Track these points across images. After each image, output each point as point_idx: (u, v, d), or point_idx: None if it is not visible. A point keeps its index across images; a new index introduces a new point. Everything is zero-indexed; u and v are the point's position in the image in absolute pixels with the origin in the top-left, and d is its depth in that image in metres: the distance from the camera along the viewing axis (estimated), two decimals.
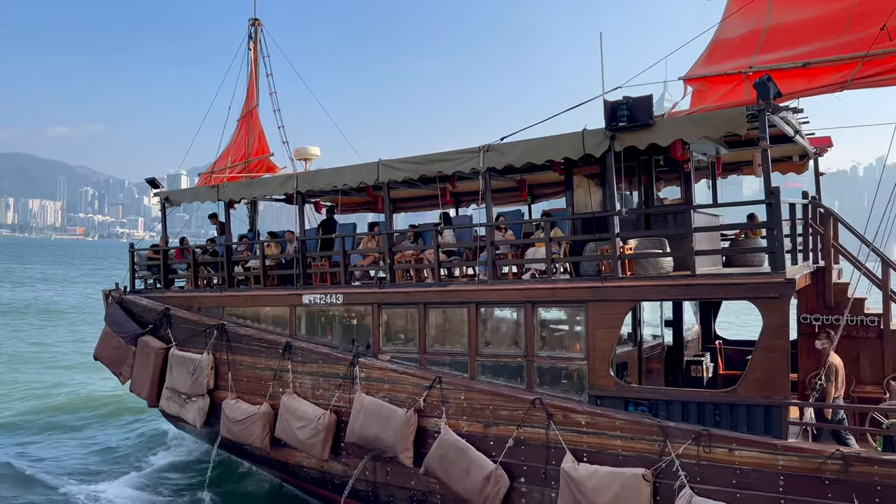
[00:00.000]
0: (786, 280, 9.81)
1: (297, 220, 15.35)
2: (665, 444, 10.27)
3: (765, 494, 9.57)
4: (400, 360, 13.31)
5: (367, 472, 13.37)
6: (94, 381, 26.64)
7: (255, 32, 20.58)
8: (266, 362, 14.87)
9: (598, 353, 11.19)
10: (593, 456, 10.90)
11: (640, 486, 10.24)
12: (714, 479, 9.93)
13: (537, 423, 11.42)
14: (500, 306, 12.53)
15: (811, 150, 14.83)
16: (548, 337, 12.18)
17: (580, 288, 11.46)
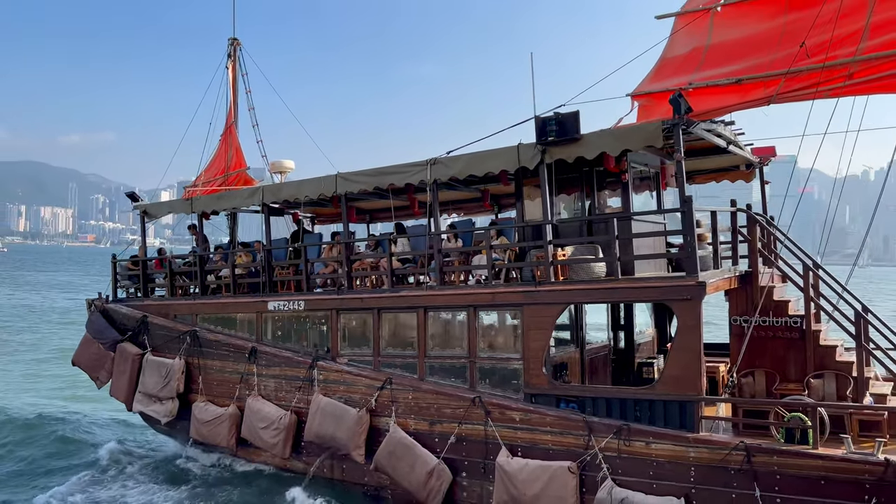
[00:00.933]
0: (697, 283, 10.49)
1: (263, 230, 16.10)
2: (590, 439, 10.94)
3: (678, 484, 10.22)
4: (357, 362, 14.03)
5: (325, 469, 14.09)
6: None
7: (234, 51, 21.41)
8: (234, 366, 15.62)
9: (532, 354, 11.88)
10: (526, 450, 11.58)
11: (567, 478, 10.92)
12: (633, 470, 10.60)
13: (477, 420, 12.11)
14: (445, 310, 13.24)
15: (753, 159, 15.50)
16: (489, 339, 12.87)
17: (516, 292, 12.16)
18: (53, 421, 20.92)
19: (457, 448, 12.31)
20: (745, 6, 14.70)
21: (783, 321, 12.28)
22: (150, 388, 16.86)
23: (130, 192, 19.08)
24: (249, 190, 16.32)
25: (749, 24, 14.52)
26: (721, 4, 15.08)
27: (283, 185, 15.86)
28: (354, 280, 14.57)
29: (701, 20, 15.32)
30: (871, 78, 12.25)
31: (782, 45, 13.65)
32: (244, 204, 16.50)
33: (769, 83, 13.56)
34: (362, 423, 13.20)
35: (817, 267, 13.40)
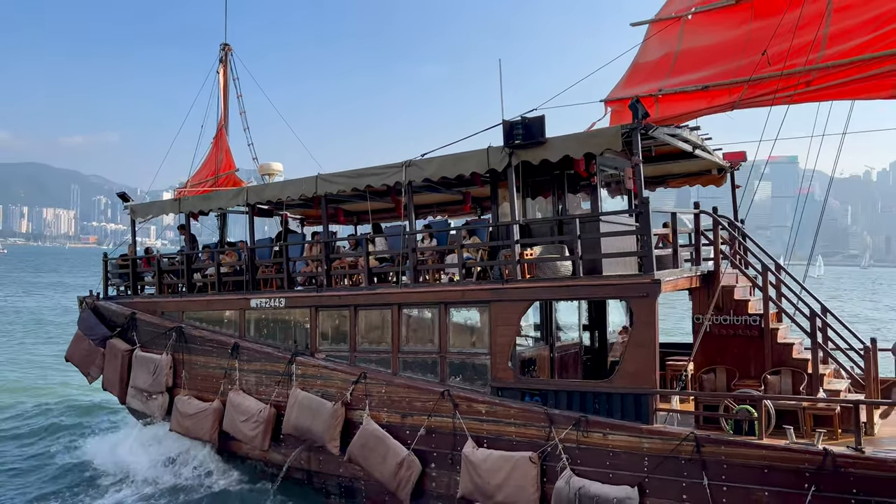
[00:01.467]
0: (653, 280, 10.94)
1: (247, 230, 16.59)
2: (551, 430, 11.37)
3: (632, 474, 10.65)
4: (334, 357, 14.49)
5: (303, 461, 14.54)
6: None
7: (226, 56, 21.95)
8: (217, 361, 16.10)
9: (498, 349, 12.33)
10: (492, 441, 12.02)
11: (528, 468, 11.35)
12: (591, 460, 11.03)
13: (446, 413, 12.56)
14: (418, 307, 13.70)
15: (724, 164, 15.93)
16: (459, 334, 13.32)
17: (484, 289, 12.62)
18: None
19: (426, 440, 12.75)
20: (714, 14, 15.17)
21: (743, 320, 12.71)
22: (141, 384, 17.33)
23: (121, 193, 19.62)
24: (235, 191, 16.81)
25: (717, 31, 14.99)
26: (692, 12, 15.57)
27: (266, 186, 16.35)
28: (334, 278, 15.02)
29: (672, 27, 15.81)
30: (829, 85, 12.72)
31: (747, 52, 14.13)
32: (230, 204, 16.99)
33: (734, 89, 14.06)
34: (337, 416, 13.65)
35: (779, 268, 13.86)
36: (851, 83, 12.38)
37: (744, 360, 12.63)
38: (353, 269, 14.99)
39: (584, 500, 10.70)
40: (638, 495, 10.47)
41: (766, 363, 12.38)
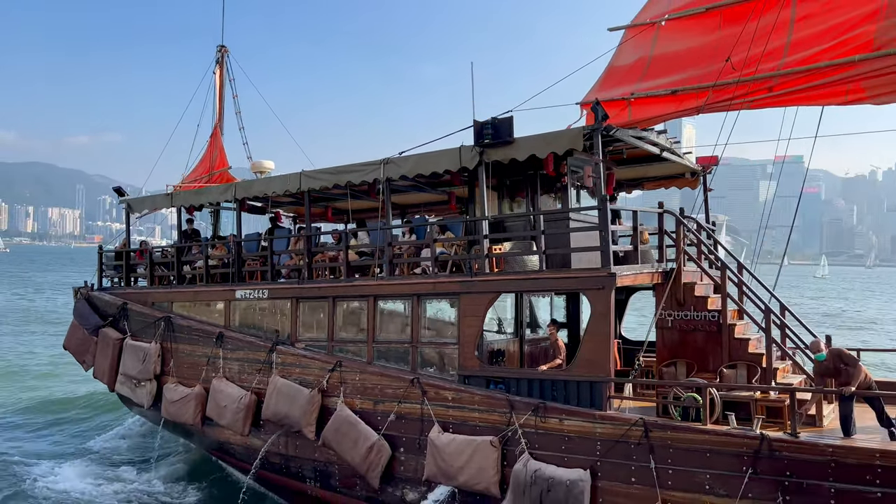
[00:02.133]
0: (609, 274, 11.48)
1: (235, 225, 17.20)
2: (511, 416, 11.90)
3: (585, 457, 11.16)
4: (314, 347, 15.05)
5: (281, 446, 15.09)
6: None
7: (222, 58, 22.62)
8: (203, 350, 16.69)
9: (466, 339, 12.86)
10: (457, 427, 12.55)
11: (489, 452, 11.88)
12: (547, 444, 11.54)
13: (414, 400, 13.10)
14: (392, 299, 14.26)
15: (696, 167, 16.47)
16: (429, 325, 13.87)
17: (454, 282, 13.17)
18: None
19: (396, 425, 13.29)
20: (686, 21, 15.68)
21: (703, 315, 13.20)
22: (130, 371, 17.94)
23: (117, 187, 20.29)
24: (224, 186, 17.45)
25: (688, 38, 15.51)
26: (666, 19, 16.10)
27: (253, 183, 16.97)
28: (316, 271, 15.59)
29: (647, 32, 16.33)
30: (789, 91, 13.23)
31: (715, 58, 14.64)
32: (219, 199, 17.61)
33: (701, 94, 14.57)
34: (314, 403, 14.20)
35: (741, 268, 14.38)
36: (810, 89, 12.87)
37: (703, 354, 13.11)
38: (335, 262, 15.55)
39: (540, 482, 11.21)
40: (590, 478, 10.97)
41: (724, 357, 12.86)
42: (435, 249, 13.81)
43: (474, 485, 11.95)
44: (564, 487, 10.99)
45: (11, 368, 31.49)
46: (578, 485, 10.94)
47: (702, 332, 13.21)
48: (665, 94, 15.22)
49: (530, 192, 15.07)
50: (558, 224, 13.53)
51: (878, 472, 9.07)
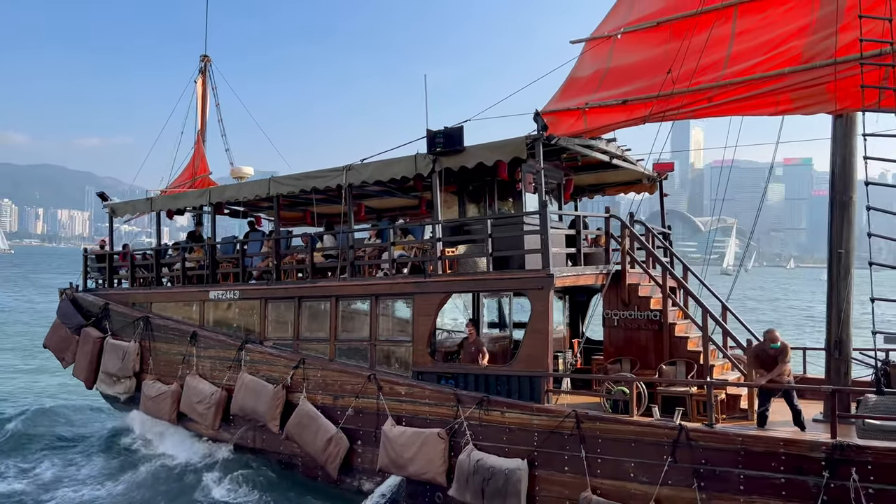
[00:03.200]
0: (547, 275, 12.18)
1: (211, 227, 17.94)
2: (458, 409, 12.59)
3: (524, 448, 11.84)
4: (281, 345, 15.77)
5: (249, 440, 15.81)
6: None
7: (205, 67, 23.40)
8: (178, 348, 17.43)
9: (419, 337, 13.57)
10: (409, 420, 13.25)
11: (437, 443, 12.57)
12: (491, 436, 12.23)
13: (371, 395, 13.80)
14: (353, 299, 14.97)
15: (651, 173, 17.17)
16: (387, 324, 14.57)
17: (409, 283, 13.88)
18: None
19: (354, 419, 14.00)
20: (639, 34, 16.35)
21: (645, 315, 13.89)
22: (111, 369, 18.69)
23: (100, 192, 21.05)
24: (199, 192, 18.20)
25: (640, 51, 16.17)
26: (622, 32, 16.79)
27: (226, 188, 17.71)
28: (284, 273, 16.31)
29: (604, 45, 17.00)
30: (726, 101, 13.90)
31: (663, 70, 15.30)
32: (195, 203, 18.37)
33: (649, 104, 15.26)
34: (278, 398, 14.92)
35: (686, 270, 15.08)
36: (744, 100, 13.55)
37: (645, 351, 13.80)
38: (302, 264, 16.27)
39: (481, 471, 11.90)
40: (527, 467, 11.65)
41: (665, 354, 13.55)
42: (393, 252, 14.52)
43: (422, 474, 12.65)
44: (503, 476, 11.68)
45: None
46: (516, 473, 11.62)
47: (644, 331, 13.90)
48: (616, 104, 15.88)
49: (488, 196, 15.77)
50: (510, 227, 14.24)
51: (781, 459, 9.75)
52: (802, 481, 9.55)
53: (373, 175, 14.74)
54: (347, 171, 14.99)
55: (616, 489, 10.95)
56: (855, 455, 9.22)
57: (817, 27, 12.81)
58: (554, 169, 16.00)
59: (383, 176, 14.61)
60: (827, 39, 12.52)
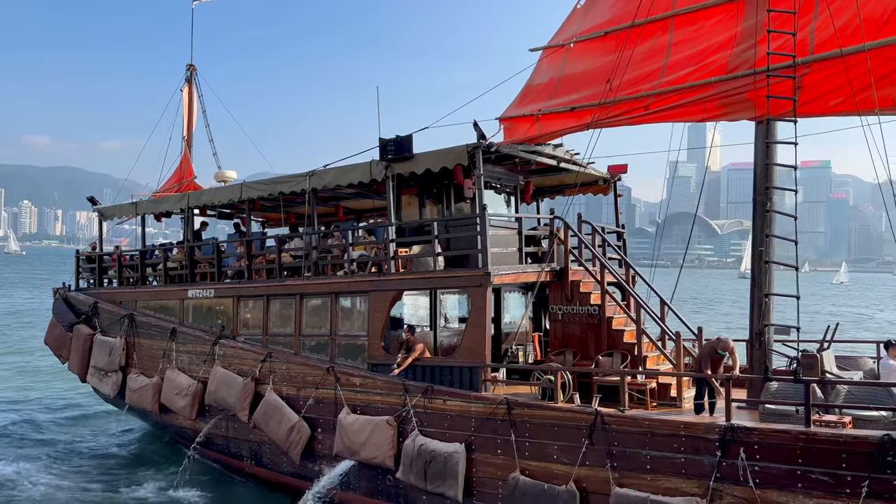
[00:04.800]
0: (485, 273, 13.13)
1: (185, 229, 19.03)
2: (406, 398, 13.57)
3: (462, 433, 12.80)
4: (252, 340, 16.82)
5: (222, 429, 16.88)
6: None
7: (191, 76, 24.49)
8: (159, 344, 18.53)
9: (374, 331, 14.57)
10: (364, 409, 14.25)
11: (386, 430, 13.57)
12: (434, 422, 13.20)
13: (329, 386, 14.81)
14: (315, 297, 15.97)
15: (605, 175, 18.06)
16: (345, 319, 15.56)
17: (364, 281, 14.88)
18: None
19: (315, 408, 15.02)
20: (589, 44, 17.22)
21: (586, 309, 14.80)
22: (99, 363, 19.85)
23: (90, 197, 22.22)
24: (178, 196, 19.30)
25: (590, 59, 17.05)
26: (574, 41, 17.68)
27: (203, 192, 18.81)
28: (255, 272, 17.35)
29: (559, 54, 17.90)
30: (661, 109, 14.75)
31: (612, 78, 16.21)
32: (175, 207, 19.47)
33: (595, 110, 16.16)
34: (248, 390, 15.97)
35: (628, 267, 15.98)
36: (675, 108, 14.41)
37: (586, 343, 14.71)
38: (271, 264, 17.31)
39: (424, 454, 12.89)
40: (464, 450, 12.61)
41: (603, 346, 14.45)
42: (352, 253, 15.52)
43: (373, 458, 13.64)
44: (443, 459, 12.66)
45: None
46: (454, 456, 12.59)
47: (585, 325, 14.81)
48: (566, 111, 16.79)
49: (446, 199, 16.73)
50: (461, 228, 15.18)
51: (682, 440, 10.65)
52: (699, 460, 10.44)
53: (333, 180, 15.73)
54: (311, 177, 16.00)
55: (541, 470, 11.89)
56: (743, 436, 10.10)
57: (740, 39, 13.66)
58: (509, 172, 16.95)
59: (342, 181, 15.61)
60: (748, 51, 13.36)
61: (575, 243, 15.52)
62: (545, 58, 18.32)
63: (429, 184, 16.65)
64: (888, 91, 11.89)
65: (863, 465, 9.30)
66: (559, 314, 15.20)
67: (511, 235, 15.17)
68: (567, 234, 15.18)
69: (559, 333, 15.10)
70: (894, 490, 9.10)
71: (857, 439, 9.41)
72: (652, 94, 14.92)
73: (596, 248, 16.02)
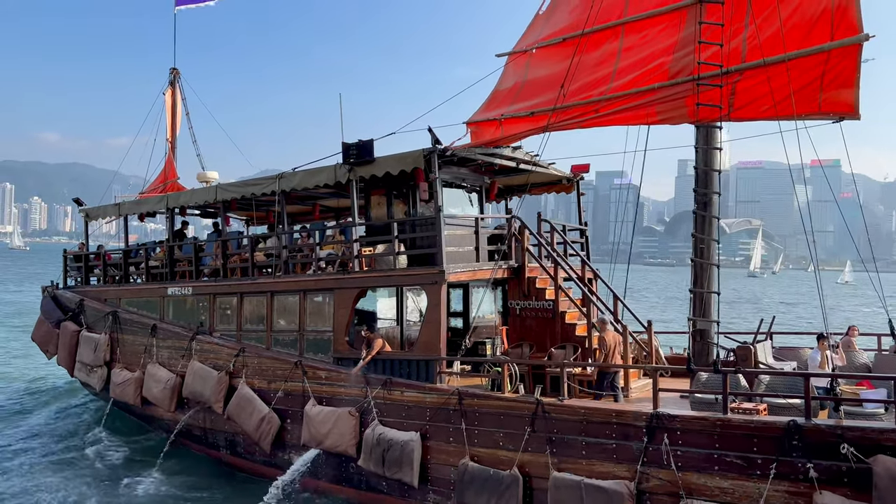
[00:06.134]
0: (440, 271, 13.88)
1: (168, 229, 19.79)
2: (367, 390, 14.35)
3: (418, 422, 13.58)
4: (227, 335, 17.60)
5: (200, 420, 17.69)
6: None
7: (175, 80, 25.21)
8: (141, 339, 19.33)
9: (338, 326, 15.33)
10: (329, 400, 15.03)
11: (349, 420, 14.35)
12: (393, 412, 13.98)
13: (297, 379, 15.60)
14: (285, 294, 16.73)
15: (567, 175, 18.78)
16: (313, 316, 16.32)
17: (330, 279, 15.63)
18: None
19: (284, 400, 15.81)
20: (549, 49, 17.92)
21: (541, 304, 15.55)
22: (85, 359, 20.66)
23: (76, 199, 23.00)
24: (158, 197, 20.06)
25: (549, 65, 17.74)
26: (536, 47, 18.37)
27: (180, 194, 19.56)
28: (230, 270, 18.12)
29: (523, 59, 18.60)
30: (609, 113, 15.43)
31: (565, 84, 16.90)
32: (156, 208, 20.23)
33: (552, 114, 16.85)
34: (222, 383, 16.76)
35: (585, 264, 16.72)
36: (623, 111, 15.09)
37: (541, 336, 15.46)
38: (245, 263, 18.06)
39: (382, 443, 13.67)
40: (420, 439, 13.39)
41: (557, 339, 15.21)
42: (320, 252, 16.27)
43: (336, 447, 14.43)
44: (400, 447, 13.45)
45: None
46: (410, 444, 13.37)
47: (540, 319, 15.56)
48: (526, 115, 17.49)
49: (412, 199, 17.46)
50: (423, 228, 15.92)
51: (614, 427, 11.41)
52: (629, 446, 11.20)
53: (300, 182, 16.47)
54: (280, 179, 16.74)
55: (489, 456, 12.66)
56: (666, 423, 10.87)
57: (680, 47, 14.33)
58: (474, 173, 17.69)
59: (310, 183, 16.34)
60: (687, 58, 14.06)
61: (535, 241, 16.29)
62: (510, 63, 19.02)
63: (396, 185, 17.35)
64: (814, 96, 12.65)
65: (771, 448, 10.06)
66: (517, 309, 15.95)
67: (470, 234, 15.90)
68: (524, 233, 15.90)
69: (517, 327, 15.86)
70: (799, 471, 9.86)
71: (767, 425, 10.18)
72: (602, 98, 15.59)
73: (555, 245, 16.78)
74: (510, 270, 15.85)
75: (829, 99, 12.46)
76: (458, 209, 17.31)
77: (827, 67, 12.31)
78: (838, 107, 12.45)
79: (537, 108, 17.16)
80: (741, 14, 13.41)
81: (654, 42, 15.13)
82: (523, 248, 15.93)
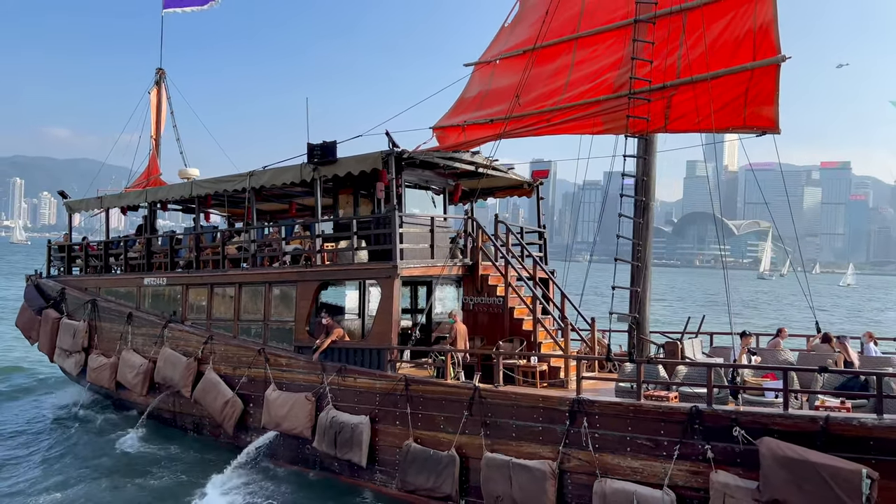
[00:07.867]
0: (393, 266, 14.84)
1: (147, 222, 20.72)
2: (323, 376, 15.29)
3: (369, 406, 14.52)
4: (198, 324, 18.52)
5: (170, 404, 18.61)
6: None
7: (160, 80, 26.14)
8: (118, 327, 20.24)
9: (300, 317, 16.27)
10: (288, 386, 15.96)
11: (304, 404, 15.28)
12: (346, 398, 14.92)
13: (260, 366, 16.53)
14: (253, 285, 17.66)
15: (527, 180, 19.76)
16: (277, 306, 17.27)
17: (293, 272, 16.58)
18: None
19: (247, 386, 16.74)
20: (510, 61, 18.88)
21: (492, 300, 16.51)
22: (65, 345, 21.56)
23: (60, 191, 23.94)
24: (137, 192, 21.00)
25: (510, 75, 18.71)
26: (499, 58, 19.36)
27: (159, 189, 20.50)
28: (202, 262, 19.04)
29: (487, 69, 19.59)
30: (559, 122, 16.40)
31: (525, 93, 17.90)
32: (135, 202, 21.17)
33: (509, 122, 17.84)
34: (191, 368, 17.69)
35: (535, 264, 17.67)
36: (572, 121, 16.08)
37: (492, 330, 16.39)
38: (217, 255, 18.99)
39: (334, 426, 14.61)
40: (369, 422, 14.33)
41: (506, 333, 16.15)
42: (286, 247, 17.22)
43: (293, 429, 15.36)
44: (350, 429, 14.38)
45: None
46: (359, 427, 14.31)
47: (491, 314, 16.50)
48: (486, 122, 18.47)
49: (376, 199, 18.41)
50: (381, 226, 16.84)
51: (540, 411, 12.37)
52: (553, 429, 12.16)
53: (269, 180, 17.42)
54: (250, 177, 17.68)
55: (430, 438, 13.61)
56: (586, 408, 11.83)
57: (624, 62, 15.32)
58: (438, 176, 18.66)
59: (278, 181, 17.29)
60: (628, 73, 15.04)
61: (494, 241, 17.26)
62: (476, 72, 20.00)
63: (363, 184, 18.31)
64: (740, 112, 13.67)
65: (676, 432, 11.03)
66: (470, 304, 16.88)
67: (426, 233, 16.86)
68: (479, 233, 16.87)
69: (470, 321, 16.80)
70: (699, 453, 10.82)
71: (673, 410, 11.15)
72: (555, 109, 16.57)
73: (510, 246, 17.74)
74: (465, 268, 16.79)
75: (753, 114, 13.48)
76: (421, 209, 18.28)
77: (750, 84, 13.33)
78: (761, 121, 13.47)
79: (496, 115, 18.15)
80: (677, 32, 14.42)
81: (602, 57, 16.12)
82: (478, 247, 16.89)
